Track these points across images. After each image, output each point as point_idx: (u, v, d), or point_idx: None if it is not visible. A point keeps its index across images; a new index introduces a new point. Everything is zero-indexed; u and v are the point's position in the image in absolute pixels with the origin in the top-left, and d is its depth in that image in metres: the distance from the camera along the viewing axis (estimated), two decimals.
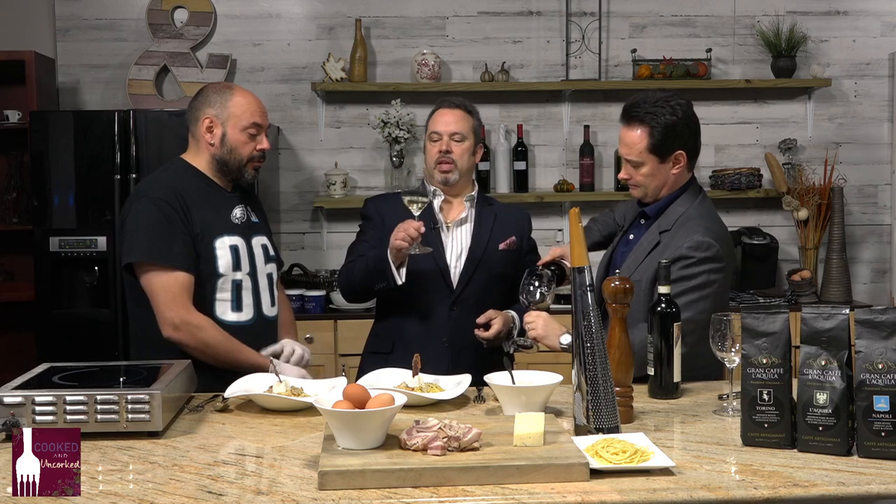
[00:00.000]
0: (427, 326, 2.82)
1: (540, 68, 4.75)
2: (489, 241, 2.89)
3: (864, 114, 4.85)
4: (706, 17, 4.79)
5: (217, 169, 2.66)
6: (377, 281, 2.75)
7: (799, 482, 1.69)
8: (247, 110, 2.63)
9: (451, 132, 2.86)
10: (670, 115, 2.54)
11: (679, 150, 2.58)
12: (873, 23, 4.83)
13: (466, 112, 2.91)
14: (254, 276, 2.66)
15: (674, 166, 2.58)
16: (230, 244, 2.61)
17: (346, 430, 1.79)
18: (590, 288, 1.97)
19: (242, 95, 2.65)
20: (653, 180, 2.59)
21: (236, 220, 2.66)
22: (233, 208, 2.67)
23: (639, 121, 2.55)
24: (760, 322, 1.94)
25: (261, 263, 2.69)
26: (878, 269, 4.91)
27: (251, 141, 2.64)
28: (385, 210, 2.91)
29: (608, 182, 4.74)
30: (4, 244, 4.54)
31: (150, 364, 2.33)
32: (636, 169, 2.58)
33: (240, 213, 2.68)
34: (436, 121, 2.90)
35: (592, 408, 1.92)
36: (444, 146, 2.85)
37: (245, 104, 2.63)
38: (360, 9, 4.68)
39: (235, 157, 2.64)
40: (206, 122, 2.62)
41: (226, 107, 2.62)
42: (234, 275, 2.61)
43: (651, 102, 2.55)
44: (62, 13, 4.63)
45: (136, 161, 4.06)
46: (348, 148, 4.73)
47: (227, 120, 2.62)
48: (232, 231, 2.63)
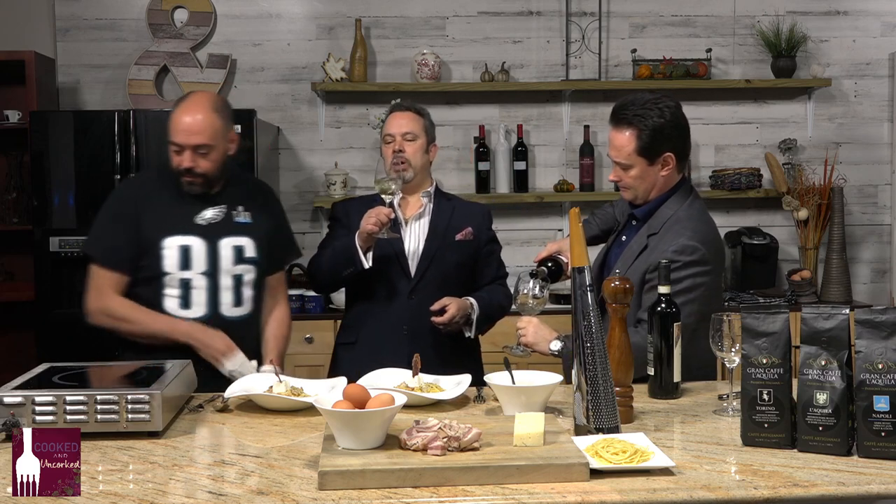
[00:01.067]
0: (387, 316, 2.93)
1: (540, 68, 4.75)
2: (446, 232, 2.99)
3: (864, 114, 4.85)
4: (706, 17, 4.79)
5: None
6: (345, 267, 2.87)
7: (799, 482, 1.69)
8: (172, 128, 2.67)
9: (404, 132, 2.99)
10: (658, 118, 2.54)
11: (667, 153, 2.57)
12: (873, 23, 4.83)
13: (416, 113, 3.04)
14: (212, 276, 2.70)
15: (663, 168, 2.58)
16: (181, 244, 2.67)
17: (346, 430, 1.79)
18: (590, 288, 1.97)
19: (178, 111, 2.67)
20: (642, 182, 2.60)
21: (202, 221, 2.71)
22: (203, 210, 2.71)
23: (627, 123, 2.55)
24: (760, 322, 1.94)
25: (226, 264, 2.72)
26: (878, 269, 4.91)
27: (176, 157, 2.68)
28: (351, 211, 3.03)
29: (608, 182, 4.73)
30: (4, 244, 4.54)
31: (150, 364, 2.33)
32: (625, 171, 2.60)
33: (211, 214, 2.72)
34: (389, 124, 3.04)
35: (592, 408, 1.92)
36: (397, 146, 2.97)
37: (173, 122, 2.67)
38: (360, 9, 4.68)
39: (173, 169, 2.70)
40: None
41: (168, 121, 2.69)
42: (182, 273, 2.67)
43: (639, 104, 2.55)
44: (62, 13, 4.63)
45: (136, 161, 4.05)
46: (348, 148, 4.73)
47: (168, 133, 2.69)
48: (190, 232, 2.69)
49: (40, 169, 4.07)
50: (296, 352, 4.18)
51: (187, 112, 2.66)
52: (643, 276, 2.50)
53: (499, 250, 3.14)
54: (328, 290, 3.34)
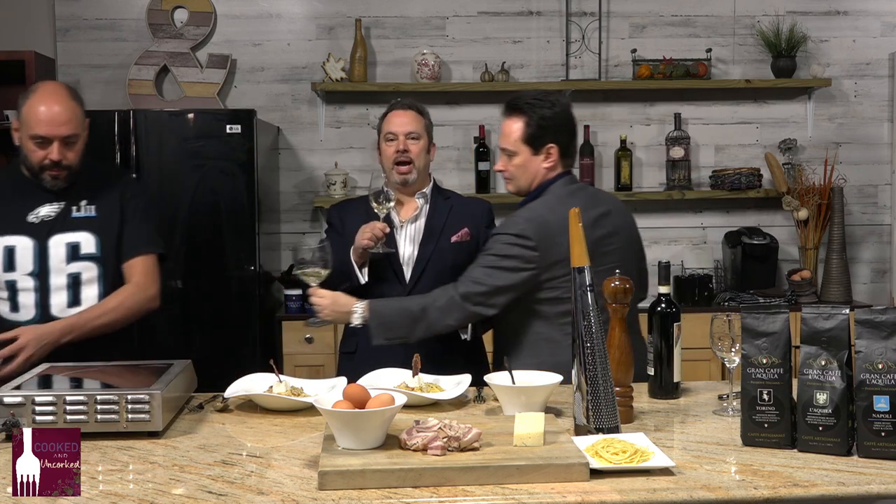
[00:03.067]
0: None
1: (540, 68, 4.75)
2: (441, 234, 2.92)
3: (864, 114, 4.85)
4: (706, 17, 4.79)
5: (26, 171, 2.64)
6: (340, 282, 2.80)
7: (799, 482, 1.69)
8: (33, 120, 2.54)
9: (407, 132, 2.91)
10: (548, 109, 2.63)
11: (551, 144, 2.63)
12: (873, 23, 4.83)
13: (418, 113, 2.97)
14: (42, 277, 2.61)
15: (545, 159, 2.64)
16: (5, 245, 2.59)
17: (346, 430, 1.79)
18: (590, 288, 1.97)
19: (37, 102, 2.55)
20: (524, 172, 2.66)
21: (35, 218, 2.61)
22: (38, 207, 2.62)
23: (518, 111, 2.64)
24: (760, 322, 1.94)
25: (57, 263, 2.61)
26: (878, 269, 4.91)
27: (39, 150, 2.57)
28: (346, 216, 2.97)
29: (608, 182, 4.74)
30: None
31: (150, 364, 2.33)
32: (510, 159, 2.67)
33: (45, 211, 2.63)
34: (390, 122, 2.95)
35: (592, 408, 1.93)
36: (400, 145, 2.90)
37: (32, 113, 2.54)
38: (360, 9, 4.68)
39: (29, 164, 2.61)
40: (14, 123, 2.62)
41: (21, 112, 2.57)
42: (7, 275, 2.59)
43: (532, 96, 2.66)
44: (62, 13, 4.63)
45: (136, 161, 4.05)
46: (348, 148, 4.73)
47: (21, 126, 2.59)
48: (17, 231, 2.60)
49: None
50: (296, 352, 4.19)
51: (47, 102, 2.54)
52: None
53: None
54: None
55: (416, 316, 2.54)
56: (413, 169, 2.91)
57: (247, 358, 3.89)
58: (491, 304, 2.53)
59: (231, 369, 2.61)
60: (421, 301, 2.59)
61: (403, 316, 2.55)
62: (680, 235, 4.83)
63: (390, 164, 2.92)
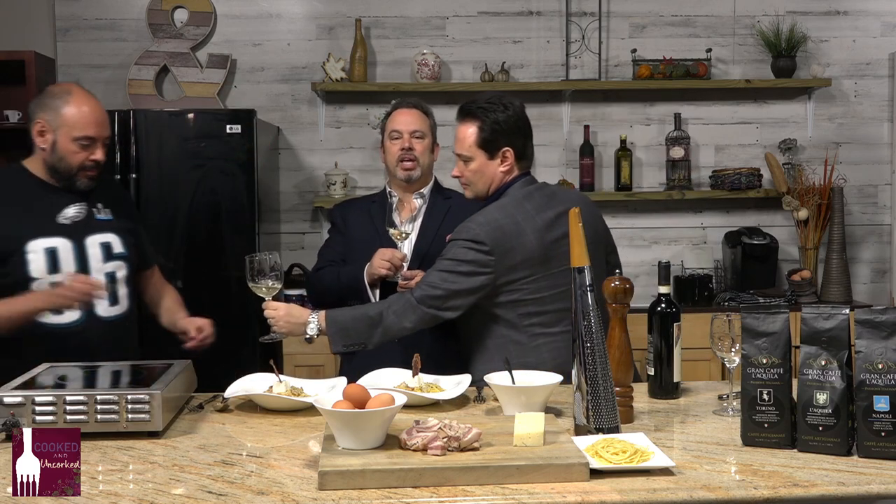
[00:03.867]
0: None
1: (540, 68, 4.75)
2: (437, 234, 2.90)
3: (864, 114, 4.85)
4: (706, 17, 4.79)
5: (48, 172, 2.63)
6: (350, 297, 2.81)
7: (799, 482, 1.69)
8: (80, 121, 2.56)
9: (412, 130, 2.94)
10: (501, 112, 2.60)
11: (506, 147, 2.61)
12: (873, 23, 4.83)
13: (423, 112, 3.00)
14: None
15: (502, 163, 2.62)
16: (46, 247, 2.55)
17: (346, 430, 1.79)
18: (590, 288, 1.97)
19: (78, 105, 2.57)
20: (481, 177, 2.64)
21: (65, 220, 2.61)
22: (63, 208, 2.61)
23: (472, 116, 2.62)
24: (760, 322, 1.94)
25: (96, 263, 2.62)
26: (878, 269, 4.91)
27: (82, 151, 2.58)
28: (348, 216, 2.98)
29: (608, 182, 4.75)
30: None
31: (150, 364, 2.33)
32: (466, 164, 2.65)
33: (73, 212, 2.62)
34: (395, 120, 2.97)
35: (592, 408, 1.93)
36: (405, 143, 2.92)
37: (78, 115, 2.56)
38: (360, 9, 4.68)
39: (64, 166, 2.59)
40: (38, 126, 2.59)
41: (59, 113, 2.56)
42: (52, 278, 2.55)
43: (484, 100, 2.63)
44: (62, 13, 4.63)
45: (136, 161, 4.06)
46: (348, 148, 4.73)
47: (59, 128, 2.57)
48: (54, 233, 2.57)
49: None
50: (296, 352, 4.18)
51: (90, 104, 2.59)
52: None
53: None
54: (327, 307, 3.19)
55: (373, 321, 2.50)
56: (417, 166, 2.93)
57: (247, 358, 3.89)
58: (447, 307, 2.50)
59: (231, 369, 2.61)
60: (378, 306, 2.56)
61: (360, 321, 2.51)
62: (680, 235, 4.83)
63: (395, 161, 2.94)
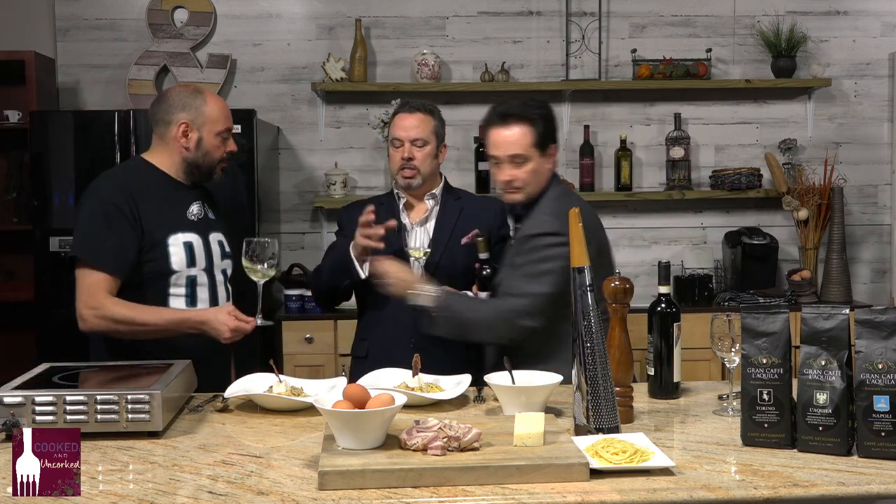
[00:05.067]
0: (393, 329, 2.81)
1: (540, 68, 4.75)
2: (451, 237, 2.87)
3: (864, 114, 4.85)
4: (706, 17, 4.79)
5: (185, 170, 2.69)
6: (342, 278, 2.78)
7: (799, 482, 1.69)
8: (221, 116, 2.69)
9: (413, 138, 2.85)
10: (545, 110, 2.67)
11: (553, 143, 2.67)
12: (873, 23, 4.83)
13: (427, 113, 2.90)
14: (210, 272, 2.68)
15: (549, 160, 2.66)
16: (184, 241, 2.63)
17: (346, 430, 1.79)
18: (590, 288, 1.97)
19: (215, 101, 2.71)
20: (537, 176, 2.65)
21: (192, 216, 2.69)
22: (189, 205, 2.69)
23: (517, 119, 2.63)
24: (760, 322, 1.94)
25: (217, 260, 2.72)
26: (878, 269, 4.91)
27: (222, 145, 2.70)
28: (354, 218, 2.85)
29: (608, 182, 4.75)
30: (4, 244, 4.54)
31: (150, 364, 2.33)
32: (520, 167, 2.63)
33: (197, 209, 2.71)
34: (396, 126, 2.89)
35: (592, 408, 1.92)
36: (406, 153, 2.85)
37: (219, 110, 2.69)
38: (360, 9, 4.68)
39: (208, 160, 2.69)
40: (182, 127, 2.65)
41: (201, 112, 2.66)
42: (189, 271, 2.63)
43: (520, 104, 2.67)
44: (62, 13, 4.63)
45: None
46: (348, 148, 4.73)
47: (203, 125, 2.66)
48: (188, 228, 2.65)
49: (40, 169, 4.07)
50: (296, 352, 4.19)
51: (220, 100, 2.74)
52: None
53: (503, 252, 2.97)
54: (330, 302, 3.01)
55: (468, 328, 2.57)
56: (417, 175, 2.87)
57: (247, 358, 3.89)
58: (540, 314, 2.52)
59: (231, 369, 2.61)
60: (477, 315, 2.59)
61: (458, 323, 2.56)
62: (680, 235, 4.83)
63: (396, 169, 2.89)
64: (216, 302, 2.68)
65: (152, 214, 2.59)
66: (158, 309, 2.56)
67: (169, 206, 2.65)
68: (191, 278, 2.64)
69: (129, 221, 2.55)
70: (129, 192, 2.58)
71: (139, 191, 2.60)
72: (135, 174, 2.67)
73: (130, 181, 2.63)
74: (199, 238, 2.67)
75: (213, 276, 2.69)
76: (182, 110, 2.65)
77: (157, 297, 2.59)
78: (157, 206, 2.61)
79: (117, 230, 2.55)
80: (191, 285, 2.64)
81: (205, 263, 2.67)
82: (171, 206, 2.65)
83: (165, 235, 2.60)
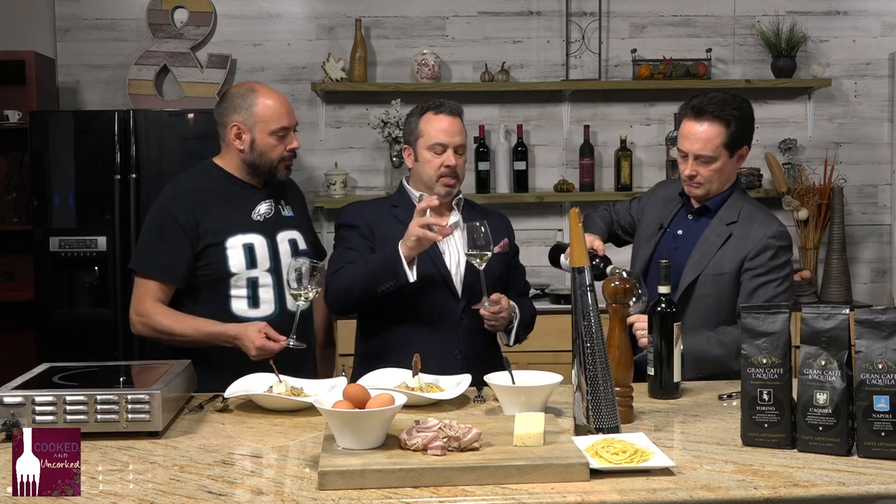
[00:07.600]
0: (437, 340, 2.62)
1: (540, 68, 4.75)
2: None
3: (864, 114, 4.85)
4: (706, 17, 4.79)
5: (248, 171, 2.69)
6: (383, 281, 2.53)
7: (799, 482, 1.69)
8: (273, 114, 2.64)
9: (457, 144, 2.65)
10: (745, 111, 2.64)
11: (744, 146, 2.65)
12: (873, 23, 4.83)
13: (461, 118, 2.71)
14: (276, 272, 2.66)
15: (738, 161, 2.67)
16: (244, 243, 2.62)
17: (346, 430, 1.79)
18: (590, 288, 1.97)
19: (266, 98, 2.65)
20: (720, 176, 2.63)
21: (258, 216, 2.68)
22: (257, 205, 2.68)
23: (714, 116, 2.58)
24: (760, 322, 1.94)
25: (285, 259, 2.67)
26: (878, 269, 4.91)
27: (280, 143, 2.65)
28: (370, 218, 2.71)
29: (608, 182, 4.74)
30: (4, 244, 4.54)
31: (150, 364, 2.33)
32: (706, 165, 2.61)
33: (265, 209, 2.70)
34: (438, 130, 2.65)
35: (592, 408, 1.93)
36: (450, 160, 2.63)
37: (270, 108, 2.64)
38: (360, 9, 4.68)
39: (266, 161, 2.66)
40: (234, 129, 2.64)
41: (251, 112, 2.63)
42: (250, 272, 2.62)
43: (720, 101, 2.60)
44: (62, 13, 4.63)
45: (136, 161, 4.06)
46: (348, 148, 4.73)
47: (255, 125, 2.63)
48: (250, 229, 2.64)
49: (40, 169, 4.07)
50: None
51: (273, 97, 2.66)
52: (741, 265, 2.58)
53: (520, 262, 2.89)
54: (352, 308, 2.76)
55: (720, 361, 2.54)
56: (458, 183, 2.68)
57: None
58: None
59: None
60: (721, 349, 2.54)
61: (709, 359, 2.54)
62: None
63: (435, 175, 2.65)
64: (283, 302, 2.65)
65: (213, 219, 2.60)
66: (197, 321, 2.58)
67: (232, 208, 2.65)
68: (252, 280, 2.62)
69: (184, 230, 2.58)
70: (188, 199, 2.62)
71: (201, 196, 2.63)
72: (199, 179, 2.70)
73: (193, 187, 2.66)
74: (263, 238, 2.65)
75: (279, 276, 2.65)
76: (234, 112, 2.64)
77: (216, 300, 2.60)
78: (219, 209, 2.63)
79: (170, 241, 2.58)
80: (252, 287, 2.63)
81: (269, 264, 2.65)
82: (235, 208, 2.65)
83: (224, 238, 2.60)
